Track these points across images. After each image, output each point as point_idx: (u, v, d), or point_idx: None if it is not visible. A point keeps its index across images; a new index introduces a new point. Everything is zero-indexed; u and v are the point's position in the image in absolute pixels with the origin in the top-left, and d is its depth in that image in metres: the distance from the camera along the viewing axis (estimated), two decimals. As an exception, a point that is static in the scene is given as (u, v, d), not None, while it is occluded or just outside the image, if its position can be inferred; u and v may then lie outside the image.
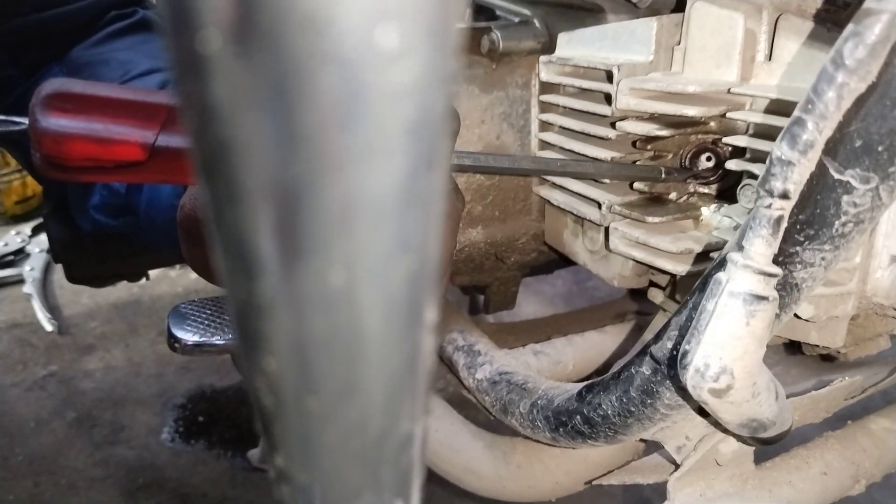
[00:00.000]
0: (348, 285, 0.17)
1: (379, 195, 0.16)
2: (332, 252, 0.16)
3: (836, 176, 0.52)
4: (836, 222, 0.53)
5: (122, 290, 2.60)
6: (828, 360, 0.94)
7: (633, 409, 0.68)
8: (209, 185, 0.16)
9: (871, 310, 0.74)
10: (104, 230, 1.15)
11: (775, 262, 0.55)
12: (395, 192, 0.16)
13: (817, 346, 0.78)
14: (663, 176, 0.82)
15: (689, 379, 0.55)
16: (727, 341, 0.53)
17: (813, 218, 0.54)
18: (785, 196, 0.51)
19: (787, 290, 0.57)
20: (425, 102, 0.16)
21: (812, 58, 0.71)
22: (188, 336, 0.67)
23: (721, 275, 0.54)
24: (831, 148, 0.51)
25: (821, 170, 0.52)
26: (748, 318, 0.53)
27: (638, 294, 1.23)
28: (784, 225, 0.52)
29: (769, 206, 0.51)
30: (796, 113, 0.50)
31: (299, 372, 0.20)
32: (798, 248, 0.55)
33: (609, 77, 0.87)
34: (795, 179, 0.50)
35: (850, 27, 0.47)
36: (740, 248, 0.54)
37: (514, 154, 0.99)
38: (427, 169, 0.16)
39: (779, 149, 0.51)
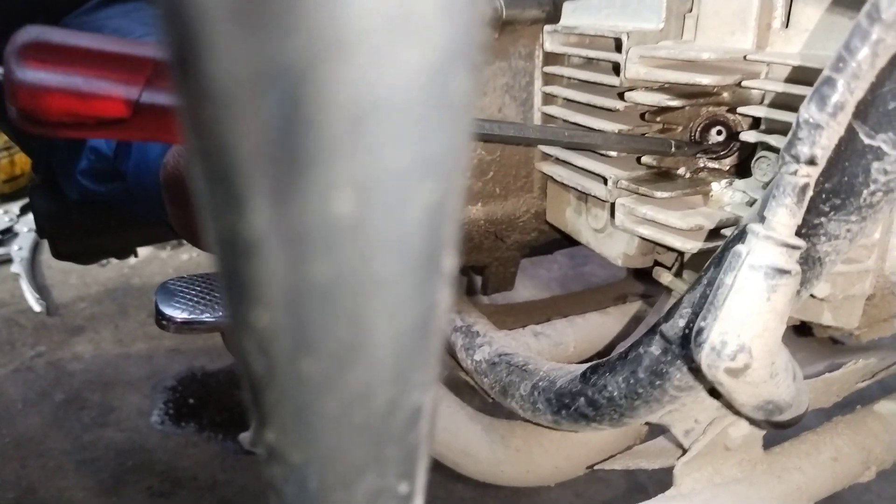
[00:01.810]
0: (356, 214, 0.14)
1: (400, 89, 0.12)
2: (337, 167, 0.13)
3: (867, 141, 0.49)
4: (865, 191, 0.50)
5: (111, 271, 2.55)
6: (836, 343, 0.91)
7: (640, 390, 0.65)
8: (184, 78, 0.13)
9: (888, 289, 0.71)
10: (91, 198, 1.12)
11: (798, 233, 0.52)
12: (420, 87, 0.12)
13: (830, 327, 0.75)
14: (673, 149, 0.79)
15: (704, 357, 0.52)
16: (746, 317, 0.50)
17: (840, 186, 0.51)
18: (812, 162, 0.48)
19: (808, 264, 0.54)
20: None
21: (833, 24, 0.68)
22: (177, 313, 0.64)
23: (741, 247, 0.51)
24: (862, 111, 0.48)
25: (850, 134, 0.49)
26: (769, 292, 0.50)
27: (640, 276, 1.20)
28: (809, 193, 0.49)
29: (794, 173, 0.48)
30: (826, 72, 0.47)
31: (294, 327, 0.17)
32: (823, 218, 0.52)
33: (617, 46, 0.83)
34: (823, 144, 0.47)
35: (888, -22, 0.44)
36: (762, 218, 0.51)
37: (519, 122, 0.96)
38: (457, 61, 0.13)
39: (806, 111, 0.47)
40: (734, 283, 0.50)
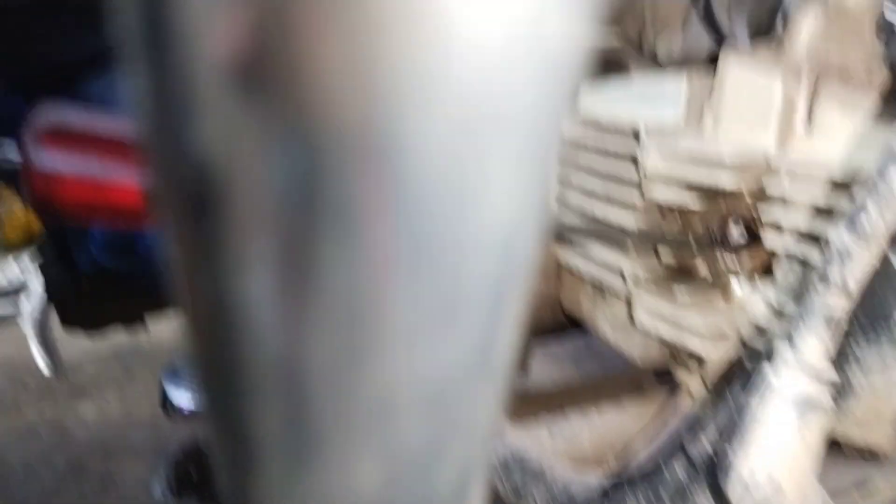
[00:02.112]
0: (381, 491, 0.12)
1: (437, 377, 0.10)
2: (360, 447, 0.11)
3: (904, 270, 0.46)
4: (902, 322, 0.47)
5: (121, 336, 2.53)
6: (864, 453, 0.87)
7: (661, 509, 0.62)
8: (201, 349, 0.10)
9: (921, 403, 0.67)
10: (104, 272, 1.10)
11: (830, 362, 0.49)
12: (459, 370, 0.10)
13: (858, 444, 0.71)
14: (695, 247, 0.77)
15: (733, 492, 0.49)
16: (777, 452, 0.47)
17: (874, 315, 0.48)
18: (844, 291, 0.45)
19: (842, 395, 0.51)
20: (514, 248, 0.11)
21: (855, 128, 0.66)
22: (184, 402, 0.60)
23: (770, 374, 0.48)
24: (897, 239, 0.46)
25: (884, 263, 0.47)
26: (801, 427, 0.47)
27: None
28: (841, 323, 0.46)
29: (826, 301, 0.46)
30: (859, 198, 0.45)
31: None
32: (856, 349, 0.49)
33: (635, 135, 0.82)
34: (856, 274, 0.45)
35: (923, 107, 0.42)
36: (791, 340, 0.48)
37: None
38: (502, 334, 0.10)
39: (837, 235, 0.45)
40: (764, 412, 0.48)
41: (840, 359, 0.50)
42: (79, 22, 1.00)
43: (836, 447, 0.80)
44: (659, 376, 1.13)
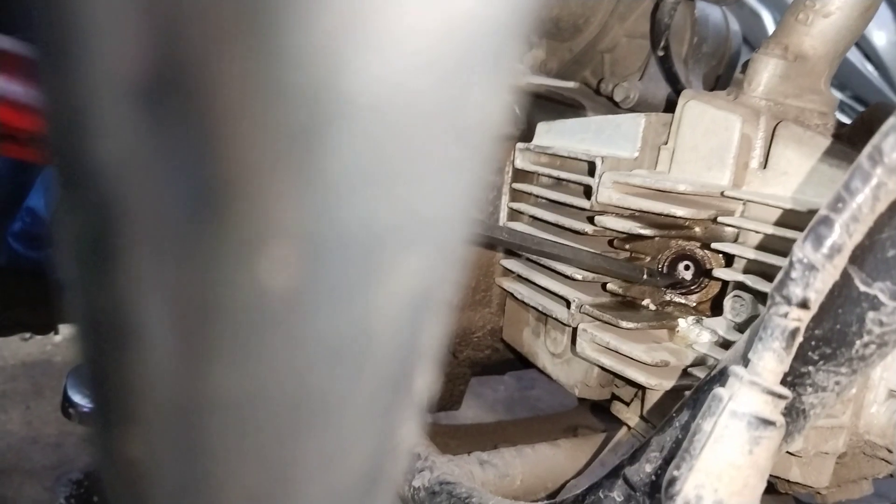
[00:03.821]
0: (293, 292, 0.09)
1: (388, 89, 0.07)
2: (270, 209, 0.08)
3: (863, 288, 0.45)
4: (858, 342, 0.46)
5: (33, 346, 2.40)
6: (799, 502, 0.86)
7: (595, 539, 0.58)
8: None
9: (860, 448, 0.66)
10: (21, 264, 1.04)
11: (783, 382, 0.47)
12: (420, 91, 0.08)
13: (797, 483, 0.70)
14: (645, 277, 0.76)
15: (677, 512, 0.46)
16: (725, 470, 0.45)
17: (831, 334, 0.47)
18: (804, 305, 0.44)
19: (792, 416, 0.49)
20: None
21: (813, 169, 0.66)
22: (86, 402, 0.55)
23: (722, 391, 0.46)
24: (859, 256, 0.45)
25: (845, 280, 0.46)
26: (752, 444, 0.45)
27: (594, 409, 1.14)
28: (799, 339, 0.45)
29: (785, 316, 0.44)
30: (823, 211, 0.44)
31: (182, 462, 0.11)
32: (811, 367, 0.48)
33: (590, 170, 0.81)
34: (818, 287, 0.44)
35: (891, 121, 0.42)
36: (746, 361, 0.47)
37: (489, 223, 0.92)
38: (481, 66, 0.08)
39: (801, 250, 0.44)
40: (714, 431, 0.45)
41: (793, 377, 0.49)
42: None
43: (771, 490, 0.79)
44: (596, 413, 1.11)
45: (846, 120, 0.82)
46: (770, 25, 2.97)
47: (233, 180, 0.08)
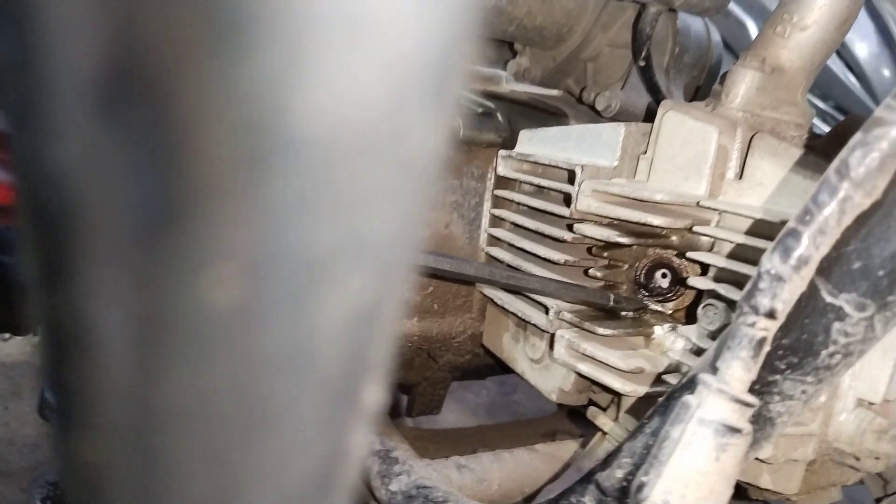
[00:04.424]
0: (241, 308, 0.09)
1: (331, 121, 0.08)
2: (217, 232, 0.09)
3: (829, 299, 0.46)
4: (824, 352, 0.47)
5: (12, 347, 2.38)
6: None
7: (568, 543, 0.59)
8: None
9: (829, 456, 0.68)
10: (-3, 267, 1.03)
11: (750, 390, 0.48)
12: (363, 123, 0.08)
13: (767, 490, 0.71)
14: (612, 304, 0.77)
15: (645, 517, 0.47)
16: (692, 477, 0.46)
17: (798, 344, 0.48)
18: (771, 315, 0.45)
19: (759, 423, 0.50)
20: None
21: (787, 180, 0.68)
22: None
23: (690, 398, 0.47)
24: (825, 268, 0.46)
25: (812, 291, 0.47)
26: (718, 451, 0.46)
27: (572, 415, 1.15)
28: (767, 348, 0.46)
29: (752, 325, 0.45)
30: (791, 224, 0.45)
31: (136, 467, 0.12)
32: (778, 376, 0.49)
33: (570, 178, 0.82)
34: (785, 298, 0.45)
35: (857, 136, 0.43)
36: (714, 369, 0.47)
37: (457, 257, 0.93)
38: (422, 95, 0.08)
39: (769, 261, 0.45)
40: (682, 437, 0.46)
41: (760, 385, 0.50)
42: None
43: (743, 496, 0.80)
44: (573, 419, 1.11)
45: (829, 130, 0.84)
46: (754, 34, 2.99)
47: (181, 202, 0.09)
